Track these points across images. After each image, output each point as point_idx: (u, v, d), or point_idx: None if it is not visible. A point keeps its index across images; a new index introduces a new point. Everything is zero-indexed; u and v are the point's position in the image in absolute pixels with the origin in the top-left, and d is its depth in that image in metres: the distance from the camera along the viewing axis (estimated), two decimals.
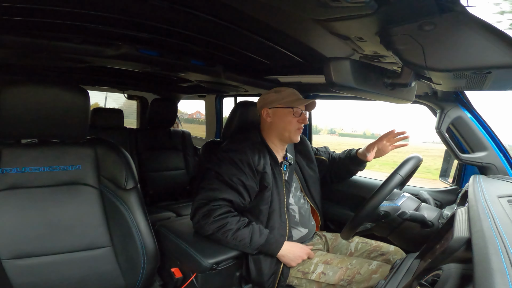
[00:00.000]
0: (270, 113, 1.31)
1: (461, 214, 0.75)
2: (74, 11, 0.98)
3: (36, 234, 1.01)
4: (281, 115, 1.29)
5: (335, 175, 1.55)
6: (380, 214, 1.05)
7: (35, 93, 0.99)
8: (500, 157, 1.21)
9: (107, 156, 1.16)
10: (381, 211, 1.04)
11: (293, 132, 1.29)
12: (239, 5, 0.86)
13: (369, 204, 1.01)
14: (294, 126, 1.28)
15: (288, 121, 1.27)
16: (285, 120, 1.28)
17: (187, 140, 2.67)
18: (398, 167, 1.08)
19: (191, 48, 1.37)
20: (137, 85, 2.74)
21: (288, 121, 1.27)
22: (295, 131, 1.29)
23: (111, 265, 1.11)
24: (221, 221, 1.14)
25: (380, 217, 1.05)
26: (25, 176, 1.03)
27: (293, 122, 1.28)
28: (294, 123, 1.28)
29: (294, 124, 1.28)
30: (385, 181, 1.04)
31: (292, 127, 1.28)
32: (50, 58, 1.39)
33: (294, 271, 1.20)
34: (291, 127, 1.28)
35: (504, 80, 0.70)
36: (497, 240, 0.49)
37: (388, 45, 0.72)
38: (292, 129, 1.28)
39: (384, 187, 1.02)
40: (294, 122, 1.28)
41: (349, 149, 1.51)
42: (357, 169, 1.49)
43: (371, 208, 1.01)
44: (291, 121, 1.27)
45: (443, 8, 0.54)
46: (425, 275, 0.61)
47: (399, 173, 1.05)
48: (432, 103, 1.33)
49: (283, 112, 1.28)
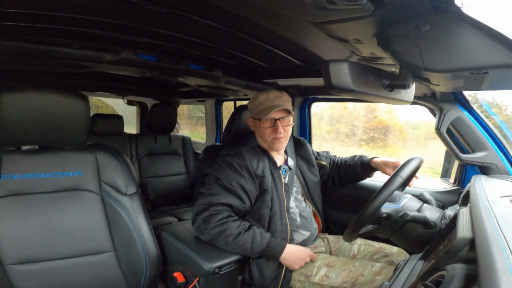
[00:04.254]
0: (251, 122, 1.31)
1: (463, 215, 0.75)
2: (73, 17, 0.98)
3: (38, 239, 1.01)
4: (257, 125, 1.28)
5: (340, 179, 1.53)
6: (382, 216, 1.04)
7: (35, 100, 0.99)
8: (500, 156, 1.21)
9: (108, 162, 1.16)
10: (383, 213, 1.04)
11: (270, 141, 1.26)
12: (237, 10, 0.86)
13: (371, 206, 1.00)
14: (268, 136, 1.25)
15: (262, 131, 1.25)
16: (260, 130, 1.26)
17: (187, 144, 2.67)
18: (399, 168, 1.07)
19: (190, 53, 1.38)
20: (137, 90, 2.75)
21: (262, 131, 1.25)
22: (271, 141, 1.25)
23: (114, 270, 1.11)
24: (221, 226, 1.14)
25: (382, 219, 1.05)
26: (26, 182, 1.03)
27: (267, 132, 1.24)
28: (268, 133, 1.24)
29: (268, 134, 1.25)
30: (386, 183, 1.04)
31: (267, 137, 1.25)
32: (49, 64, 1.40)
33: (297, 274, 1.20)
34: (266, 137, 1.26)
35: (502, 80, 0.70)
36: (500, 240, 0.49)
37: (385, 47, 0.72)
38: (268, 139, 1.26)
39: (385, 189, 1.02)
40: (268, 132, 1.24)
41: (359, 155, 1.49)
42: (367, 176, 1.48)
43: (373, 210, 1.00)
44: (265, 131, 1.25)
45: (439, 9, 0.54)
46: (429, 275, 0.61)
47: (400, 174, 1.05)
48: (431, 104, 1.33)
49: (257, 123, 1.27)
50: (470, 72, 0.65)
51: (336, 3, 0.56)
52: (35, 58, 1.27)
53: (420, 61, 0.66)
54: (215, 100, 2.81)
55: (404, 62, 0.72)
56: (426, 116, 3.58)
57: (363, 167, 1.44)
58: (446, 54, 0.62)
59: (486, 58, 0.58)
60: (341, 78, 0.75)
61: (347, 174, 1.50)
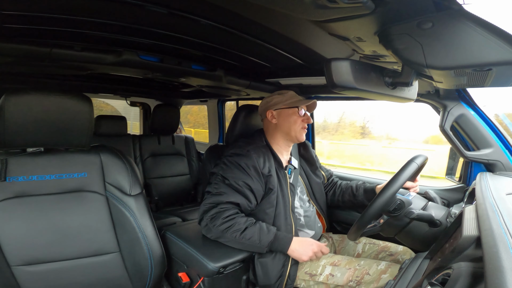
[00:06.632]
0: (275, 115, 1.34)
1: (469, 213, 0.75)
2: (75, 19, 0.99)
3: (44, 240, 1.03)
4: (286, 115, 1.32)
5: (333, 197, 1.54)
6: (397, 203, 1.02)
7: (39, 102, 1.00)
8: (506, 153, 1.20)
9: (112, 163, 1.17)
10: (398, 200, 1.02)
11: (299, 131, 1.32)
12: (238, 9, 0.86)
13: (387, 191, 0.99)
14: (299, 125, 1.32)
15: (294, 120, 1.31)
16: (290, 120, 1.32)
17: (190, 145, 2.68)
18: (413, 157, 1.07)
19: (192, 53, 1.38)
20: (139, 92, 2.76)
21: (293, 120, 1.31)
22: (300, 130, 1.32)
23: (119, 271, 1.12)
24: (229, 222, 1.15)
25: (397, 207, 1.02)
26: (32, 184, 1.04)
27: (298, 121, 1.32)
28: (299, 122, 1.32)
29: (299, 123, 1.32)
30: (401, 169, 1.04)
31: (297, 126, 1.32)
32: (51, 66, 1.40)
33: (302, 273, 1.20)
34: (296, 126, 1.32)
35: (506, 76, 0.70)
36: (506, 238, 0.49)
37: (387, 45, 0.72)
38: (297, 128, 1.32)
39: (401, 174, 1.01)
40: (299, 121, 1.32)
41: (362, 183, 1.49)
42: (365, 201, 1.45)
43: (389, 195, 0.98)
44: (296, 120, 1.32)
45: (440, 6, 0.54)
46: (435, 274, 0.61)
47: (415, 161, 1.05)
48: (434, 101, 1.32)
49: (287, 113, 1.32)
50: (473, 69, 0.64)
51: (337, 1, 0.55)
52: (38, 60, 1.28)
53: (422, 58, 0.65)
54: (217, 100, 2.82)
55: (406, 59, 0.71)
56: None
57: (366, 193, 1.43)
58: (449, 52, 0.62)
59: (489, 55, 0.58)
60: (343, 77, 0.75)
61: (343, 195, 1.51)
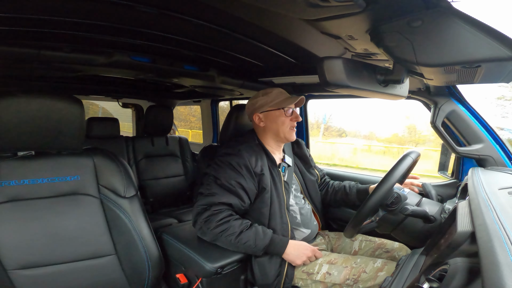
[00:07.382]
0: (262, 117, 1.32)
1: (462, 208, 0.75)
2: (63, 20, 0.97)
3: (40, 244, 1.01)
4: (273, 117, 1.30)
5: (326, 196, 1.54)
6: (394, 196, 1.02)
7: (28, 105, 0.98)
8: (496, 148, 1.22)
9: (105, 166, 1.16)
10: (395, 193, 1.03)
11: (288, 131, 1.30)
12: (229, 9, 0.86)
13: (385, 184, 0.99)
14: (287, 125, 1.30)
15: (281, 122, 1.29)
16: (278, 121, 1.29)
17: (184, 146, 2.66)
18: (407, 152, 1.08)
19: (184, 54, 1.37)
20: (132, 93, 2.73)
21: (281, 122, 1.29)
22: (289, 131, 1.30)
23: (117, 273, 1.11)
24: (223, 225, 1.14)
25: (394, 200, 1.02)
26: (24, 188, 1.03)
27: (286, 122, 1.29)
28: (287, 122, 1.29)
29: (287, 124, 1.29)
30: (396, 163, 1.04)
31: (286, 127, 1.30)
32: (41, 68, 1.38)
33: (299, 272, 1.20)
34: (285, 127, 1.29)
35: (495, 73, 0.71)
36: (501, 233, 0.49)
37: (378, 43, 0.72)
38: (285, 129, 1.30)
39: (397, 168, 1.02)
40: (287, 121, 1.29)
41: (355, 183, 1.49)
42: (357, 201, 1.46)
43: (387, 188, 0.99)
44: (284, 121, 1.29)
45: (429, 4, 0.54)
46: (432, 270, 0.61)
47: (410, 155, 1.05)
48: (425, 98, 1.34)
49: (274, 114, 1.30)
50: (462, 66, 0.65)
51: (328, 0, 0.56)
52: (26, 62, 1.26)
53: (413, 56, 0.66)
54: (211, 101, 2.80)
55: (397, 57, 0.72)
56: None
57: (359, 193, 1.43)
58: (438, 49, 0.62)
59: (477, 52, 0.59)
60: (335, 75, 0.75)
61: (335, 194, 1.51)
